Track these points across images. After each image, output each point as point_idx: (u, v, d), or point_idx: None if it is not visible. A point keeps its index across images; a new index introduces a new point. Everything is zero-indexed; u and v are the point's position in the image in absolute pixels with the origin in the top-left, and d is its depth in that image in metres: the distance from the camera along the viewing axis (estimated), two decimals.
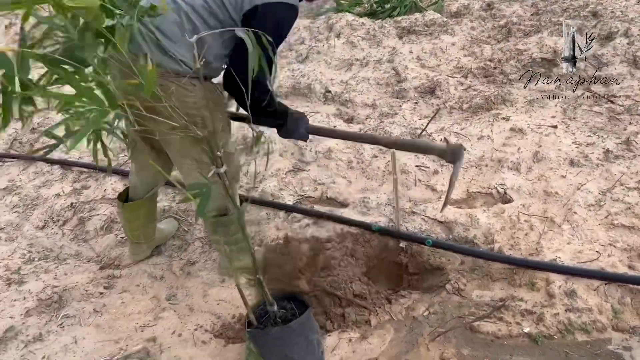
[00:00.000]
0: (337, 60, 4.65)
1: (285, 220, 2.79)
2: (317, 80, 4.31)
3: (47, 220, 3.05)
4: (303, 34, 5.13)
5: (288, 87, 4.36)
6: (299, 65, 4.62)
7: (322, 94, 4.22)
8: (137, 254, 2.61)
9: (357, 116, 3.88)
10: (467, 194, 2.87)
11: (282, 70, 4.59)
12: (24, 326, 2.18)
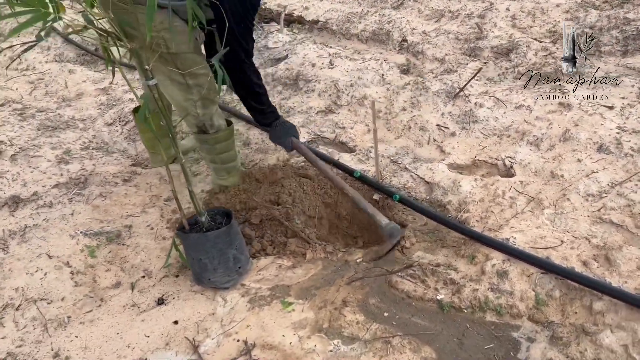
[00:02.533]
0: (430, 10, 4.49)
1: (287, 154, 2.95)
2: (398, 28, 4.24)
3: (115, 119, 3.59)
4: None
5: (369, 32, 4.36)
6: (390, 12, 4.56)
7: (398, 43, 4.16)
8: (154, 162, 2.99)
9: (422, 69, 3.78)
10: (473, 161, 2.73)
11: (371, 15, 4.57)
12: (45, 194, 2.71)
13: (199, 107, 2.33)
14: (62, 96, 3.94)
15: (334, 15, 4.75)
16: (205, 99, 2.34)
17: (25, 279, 2.15)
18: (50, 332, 1.94)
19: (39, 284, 2.14)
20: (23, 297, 2.08)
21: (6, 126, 3.35)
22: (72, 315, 2.02)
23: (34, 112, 3.65)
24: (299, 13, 4.91)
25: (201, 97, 2.31)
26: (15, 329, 1.95)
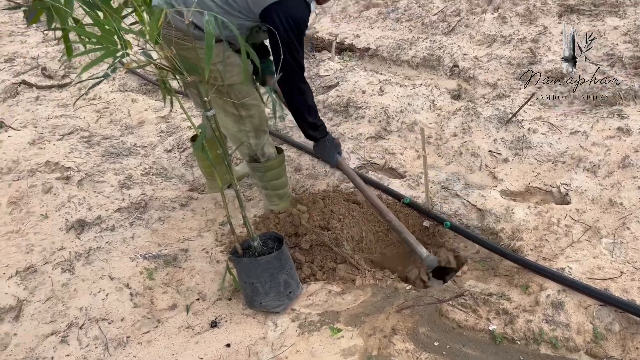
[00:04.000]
0: (482, 36, 4.47)
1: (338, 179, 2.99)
2: (449, 53, 4.25)
3: (174, 146, 3.75)
4: (462, 5, 4.99)
5: (420, 58, 4.39)
6: (441, 38, 4.58)
7: (449, 68, 4.16)
8: (210, 187, 3.10)
9: (473, 94, 3.77)
10: (527, 187, 2.67)
11: (421, 42, 4.60)
12: (108, 218, 2.86)
13: (252, 138, 2.42)
14: (125, 124, 4.16)
15: (384, 43, 4.81)
16: (257, 130, 2.43)
17: (88, 299, 2.27)
18: (111, 351, 2.04)
19: (101, 304, 2.25)
20: (86, 317, 2.19)
21: (74, 153, 3.56)
22: (131, 336, 2.11)
23: (99, 139, 3.87)
24: (350, 41, 5.00)
25: (253, 127, 2.40)
26: (79, 347, 2.06)
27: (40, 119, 4.29)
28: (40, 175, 3.29)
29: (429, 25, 4.95)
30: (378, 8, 5.63)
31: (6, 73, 5.61)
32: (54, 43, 6.35)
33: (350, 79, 4.03)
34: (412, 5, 5.38)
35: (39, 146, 3.69)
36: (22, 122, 4.28)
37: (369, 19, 5.51)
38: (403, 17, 5.28)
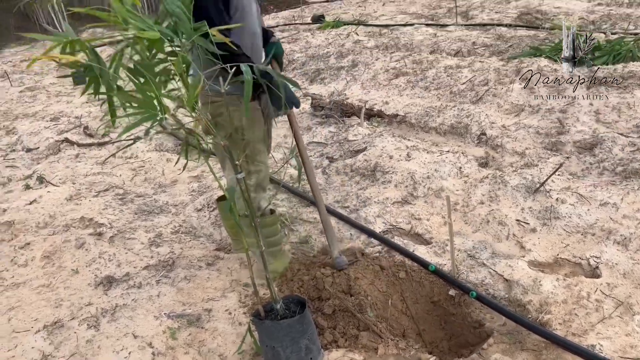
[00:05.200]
0: (510, 105, 4.54)
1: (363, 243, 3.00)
2: (477, 121, 4.31)
3: (204, 205, 3.84)
4: (490, 75, 5.10)
5: (447, 125, 4.46)
6: (469, 106, 4.66)
7: (477, 136, 4.21)
8: (237, 248, 3.15)
9: (501, 162, 3.78)
10: (555, 259, 2.63)
11: (449, 109, 4.69)
12: (136, 275, 2.91)
13: (251, 191, 2.52)
14: (159, 183, 4.30)
15: (412, 110, 4.91)
16: (258, 185, 2.59)
17: (111, 357, 2.29)
18: None
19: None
20: None
21: (108, 210, 3.68)
22: None
23: (133, 197, 4.00)
24: (379, 108, 5.13)
25: (257, 182, 2.55)
26: None
27: (79, 175, 4.47)
28: (75, 231, 3.40)
29: (457, 93, 5.05)
30: (407, 76, 5.79)
31: (51, 131, 5.91)
32: (97, 104, 6.69)
33: (378, 144, 4.11)
34: (440, 74, 5.52)
35: (76, 202, 3.83)
36: (61, 178, 4.46)
37: (398, 86, 5.66)
38: (432, 85, 5.41)
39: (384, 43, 7.77)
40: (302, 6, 14.54)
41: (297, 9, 14.16)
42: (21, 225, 3.52)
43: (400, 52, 7.02)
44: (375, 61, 6.61)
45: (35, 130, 6.04)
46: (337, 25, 9.71)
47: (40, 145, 5.53)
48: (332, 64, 7.00)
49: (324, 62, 7.20)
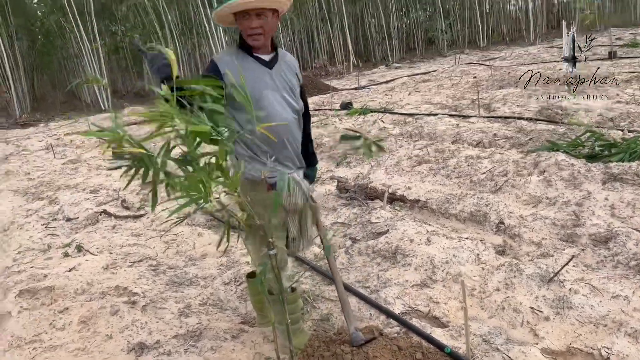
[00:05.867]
0: (528, 196, 4.73)
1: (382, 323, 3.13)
2: (495, 210, 4.50)
3: (232, 279, 4.03)
4: (509, 167, 5.34)
5: (467, 213, 4.65)
6: (488, 195, 4.86)
7: (495, 225, 4.37)
8: (261, 322, 3.30)
9: (517, 251, 3.93)
10: (568, 348, 2.71)
11: (469, 198, 4.90)
12: (166, 343, 3.07)
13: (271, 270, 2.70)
14: (190, 256, 4.53)
15: (434, 196, 5.14)
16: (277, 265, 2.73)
17: None
18: None
19: None
20: None
21: (142, 280, 3.90)
22: None
23: (165, 268, 4.23)
24: (401, 192, 5.37)
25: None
26: None
27: (115, 246, 4.74)
28: (110, 298, 3.61)
29: (477, 183, 5.28)
30: (429, 164, 6.08)
31: (90, 202, 6.29)
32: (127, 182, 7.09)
33: (400, 228, 4.31)
34: (461, 163, 5.79)
35: (112, 271, 4.08)
36: (98, 247, 4.74)
37: (421, 173, 5.93)
38: (453, 174, 5.67)
39: (408, 131, 8.16)
40: (331, 93, 15.30)
41: (326, 95, 14.91)
42: (60, 291, 3.75)
43: (423, 140, 7.37)
44: (399, 148, 6.95)
45: (76, 201, 6.43)
46: (364, 112, 10.22)
47: (79, 215, 5.88)
48: None
49: None
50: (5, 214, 6.47)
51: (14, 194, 7.57)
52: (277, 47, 2.69)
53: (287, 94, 2.65)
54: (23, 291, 3.79)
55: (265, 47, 2.60)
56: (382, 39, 28.98)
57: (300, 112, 2.76)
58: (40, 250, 4.97)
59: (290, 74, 2.70)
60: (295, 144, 2.74)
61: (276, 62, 2.65)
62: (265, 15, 2.49)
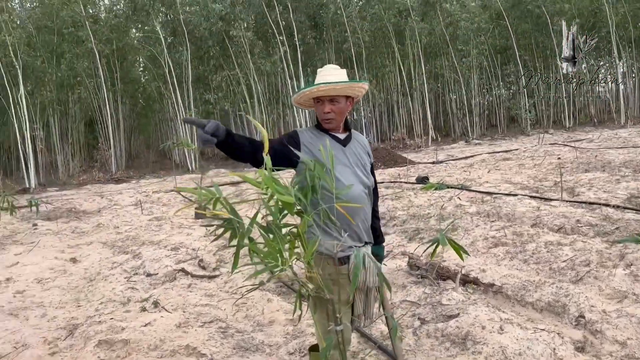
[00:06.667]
0: (612, 290, 4.46)
1: None
2: (575, 302, 4.26)
3: (296, 350, 4.03)
4: (592, 256, 5.08)
5: (544, 302, 4.44)
6: (568, 285, 4.63)
7: (575, 318, 4.13)
8: None
9: (599, 349, 3.67)
10: None
11: (548, 286, 4.68)
12: None
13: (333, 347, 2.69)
14: (258, 321, 4.61)
15: (509, 281, 4.95)
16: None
17: None
18: None
19: None
20: None
21: (211, 341, 4.01)
22: None
23: (233, 331, 4.32)
24: (475, 274, 5.23)
25: None
26: None
27: (189, 304, 4.92)
28: (179, 357, 3.73)
29: (557, 271, 5.05)
30: (506, 247, 5.90)
31: (170, 260, 6.60)
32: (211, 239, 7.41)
33: (472, 312, 4.17)
34: (540, 249, 5.57)
35: (184, 329, 4.22)
36: (173, 305, 4.94)
37: (497, 255, 5.76)
38: (531, 259, 5.46)
39: (485, 210, 7.99)
40: (408, 165, 15.39)
41: (403, 167, 15.00)
42: (135, 345, 3.93)
43: (501, 221, 7.18)
44: (475, 227, 6.82)
45: (157, 257, 6.78)
46: (440, 187, 10.16)
47: (159, 271, 6.19)
48: (431, 225, 7.29)
49: (424, 222, 7.52)
50: (93, 265, 6.93)
51: (103, 246, 8.11)
52: (350, 127, 2.87)
53: (360, 170, 2.78)
54: (102, 342, 4.00)
55: (338, 128, 2.77)
56: (462, 114, 29.03)
57: (371, 188, 2.86)
58: (121, 303, 5.24)
59: (362, 151, 2.85)
60: (366, 220, 2.81)
61: (350, 140, 2.81)
62: (338, 101, 2.70)
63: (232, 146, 2.42)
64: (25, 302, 5.47)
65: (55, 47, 22.84)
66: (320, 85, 2.63)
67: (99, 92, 23.50)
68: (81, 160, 24.20)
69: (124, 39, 24.52)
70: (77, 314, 5.03)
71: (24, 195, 16.41)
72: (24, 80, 20.32)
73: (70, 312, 5.13)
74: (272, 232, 2.30)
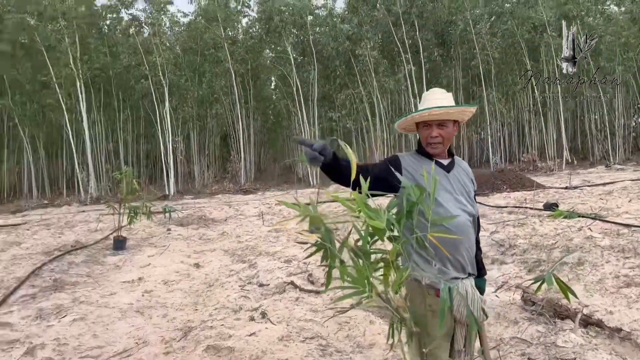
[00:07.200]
0: None
1: None
2: None
3: None
4: None
5: None
6: None
7: None
8: None
9: None
10: None
11: None
12: None
13: None
14: (358, 342, 4.59)
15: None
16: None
17: None
18: None
19: None
20: None
21: (309, 358, 4.07)
22: None
23: (332, 350, 4.35)
24: (600, 316, 4.73)
25: None
26: None
27: (294, 318, 5.05)
28: None
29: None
30: None
31: (282, 272, 6.84)
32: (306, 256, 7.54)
33: (591, 359, 3.78)
34: None
35: (285, 343, 4.34)
36: (279, 317, 5.10)
37: (628, 297, 5.17)
38: None
39: (620, 245, 7.22)
40: (535, 190, 14.44)
41: (530, 192, 14.11)
42: (238, 353, 4.11)
43: (637, 258, 6.44)
44: (605, 263, 6.20)
45: (270, 268, 7.06)
46: (571, 216, 9.38)
47: (271, 282, 6.43)
48: (555, 257, 6.76)
49: (547, 253, 6.99)
50: (213, 271, 7.41)
51: (224, 254, 8.64)
52: (454, 153, 2.77)
53: (464, 197, 2.68)
54: (210, 347, 4.25)
55: (443, 153, 2.69)
56: (604, 137, 26.60)
57: (475, 216, 2.73)
58: (233, 310, 5.53)
59: (466, 178, 2.74)
60: (470, 250, 2.69)
61: (453, 166, 2.72)
62: (446, 125, 2.62)
63: (337, 169, 2.46)
64: (151, 302, 5.99)
65: (198, 66, 24.98)
66: (434, 109, 2.57)
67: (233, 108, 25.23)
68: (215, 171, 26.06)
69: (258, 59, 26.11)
70: (193, 317, 5.39)
71: (163, 201, 18.07)
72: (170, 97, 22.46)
73: (187, 314, 5.52)
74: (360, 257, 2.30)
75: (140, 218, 9.56)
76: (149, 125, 24.95)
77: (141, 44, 21.93)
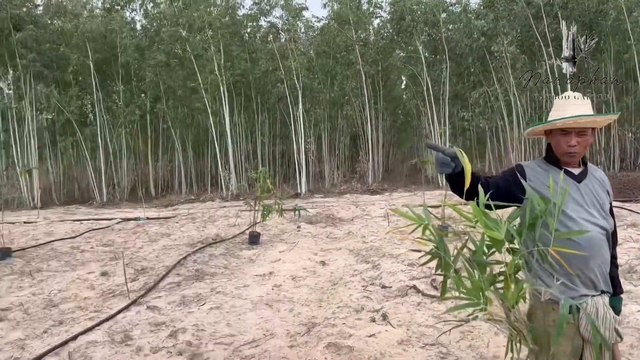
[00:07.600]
0: None
1: None
2: None
3: None
4: None
5: None
6: None
7: None
8: None
9: None
10: None
11: None
12: None
13: None
14: (481, 353, 4.44)
15: None
16: None
17: None
18: None
19: None
20: None
21: None
22: None
23: (453, 359, 4.26)
24: None
25: None
26: None
27: (414, 323, 5.03)
28: None
29: None
30: None
31: (405, 275, 6.82)
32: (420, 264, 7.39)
33: None
34: None
35: (404, 347, 4.35)
36: (400, 320, 5.11)
37: None
38: None
39: None
40: None
41: None
42: (357, 353, 4.21)
43: None
44: None
45: (393, 270, 7.07)
46: None
47: (393, 285, 6.45)
48: None
49: None
50: (338, 269, 7.61)
51: (349, 253, 8.81)
52: (587, 161, 2.58)
53: (595, 210, 2.48)
54: (331, 344, 4.40)
55: (577, 162, 2.54)
56: None
57: (610, 230, 2.53)
58: (355, 310, 5.65)
59: (600, 189, 2.54)
60: (603, 266, 2.50)
61: (585, 176, 2.54)
62: (586, 133, 2.46)
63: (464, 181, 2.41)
64: (280, 296, 6.33)
65: (330, 69, 25.63)
66: (581, 117, 2.43)
67: (363, 109, 25.51)
68: (344, 171, 26.56)
69: (388, 59, 26.09)
70: (317, 313, 5.61)
71: (295, 200, 18.87)
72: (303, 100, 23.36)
73: (312, 310, 5.75)
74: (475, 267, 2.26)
75: (272, 215, 10.11)
76: (283, 127, 26.15)
77: (278, 49, 23.08)
